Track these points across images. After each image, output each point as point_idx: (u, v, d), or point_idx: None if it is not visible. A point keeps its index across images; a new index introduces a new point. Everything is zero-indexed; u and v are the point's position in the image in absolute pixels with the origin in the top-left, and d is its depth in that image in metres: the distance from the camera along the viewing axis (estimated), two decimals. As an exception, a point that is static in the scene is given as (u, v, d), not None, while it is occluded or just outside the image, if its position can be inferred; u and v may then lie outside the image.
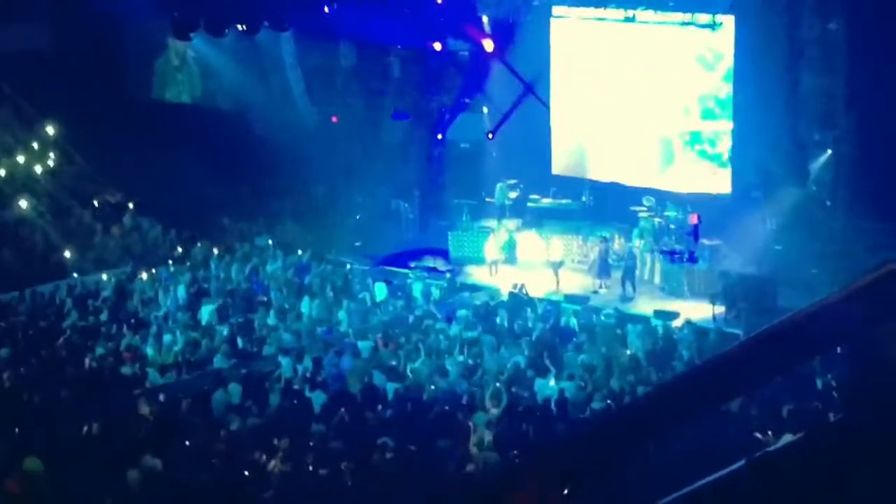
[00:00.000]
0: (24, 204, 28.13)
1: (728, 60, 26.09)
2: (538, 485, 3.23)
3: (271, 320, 22.15)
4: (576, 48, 28.90)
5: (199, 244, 28.43)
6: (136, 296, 23.89)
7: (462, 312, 22.00)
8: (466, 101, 30.49)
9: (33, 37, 30.16)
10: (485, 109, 30.74)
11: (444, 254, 28.32)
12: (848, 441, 3.11)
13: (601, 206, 28.92)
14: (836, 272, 21.73)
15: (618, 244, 26.71)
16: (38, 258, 26.98)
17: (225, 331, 21.09)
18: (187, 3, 28.90)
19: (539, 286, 25.01)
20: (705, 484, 3.23)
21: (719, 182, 26.81)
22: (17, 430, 15.07)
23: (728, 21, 25.80)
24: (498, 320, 21.82)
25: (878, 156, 22.98)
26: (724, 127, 26.53)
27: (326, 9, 29.33)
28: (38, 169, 29.62)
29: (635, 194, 27.77)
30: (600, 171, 29.06)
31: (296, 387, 17.30)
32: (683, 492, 3.27)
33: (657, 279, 25.87)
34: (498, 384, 16.79)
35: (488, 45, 28.83)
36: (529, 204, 29.48)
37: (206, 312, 22.46)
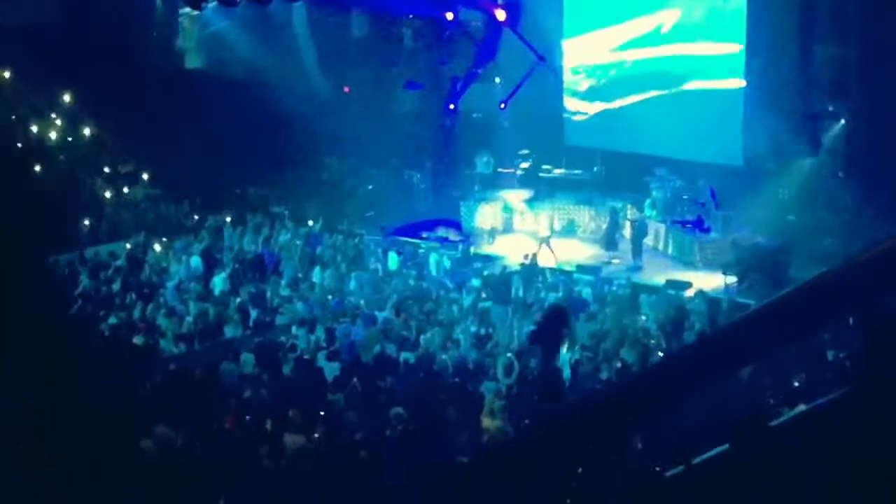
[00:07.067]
0: (37, 173, 28.10)
1: (741, 30, 25.94)
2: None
3: (284, 291, 22.19)
4: (588, 17, 28.82)
5: (211, 214, 28.47)
6: (149, 266, 23.94)
7: (474, 282, 22.02)
8: (479, 71, 30.38)
9: (42, 5, 30.03)
10: (497, 79, 30.64)
11: (456, 224, 28.34)
12: (857, 413, 3.11)
13: (614, 177, 28.88)
14: (849, 243, 21.66)
15: (630, 215, 26.68)
16: (51, 228, 26.98)
17: (237, 301, 21.13)
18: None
19: (547, 257, 25.04)
20: (714, 455, 3.25)
21: (732, 152, 26.73)
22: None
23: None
24: (510, 290, 21.84)
25: (891, 126, 22.86)
26: (736, 96, 26.40)
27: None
28: (52, 139, 29.63)
29: (648, 164, 27.70)
30: (612, 141, 28.97)
31: (307, 357, 17.34)
32: (692, 462, 3.28)
33: (670, 249, 25.86)
34: (509, 354, 16.80)
35: (500, 14, 28.71)
36: (541, 174, 29.45)
37: (219, 282, 22.52)
